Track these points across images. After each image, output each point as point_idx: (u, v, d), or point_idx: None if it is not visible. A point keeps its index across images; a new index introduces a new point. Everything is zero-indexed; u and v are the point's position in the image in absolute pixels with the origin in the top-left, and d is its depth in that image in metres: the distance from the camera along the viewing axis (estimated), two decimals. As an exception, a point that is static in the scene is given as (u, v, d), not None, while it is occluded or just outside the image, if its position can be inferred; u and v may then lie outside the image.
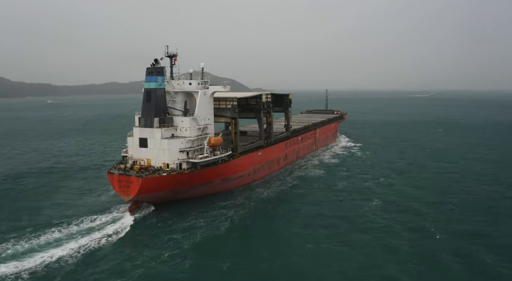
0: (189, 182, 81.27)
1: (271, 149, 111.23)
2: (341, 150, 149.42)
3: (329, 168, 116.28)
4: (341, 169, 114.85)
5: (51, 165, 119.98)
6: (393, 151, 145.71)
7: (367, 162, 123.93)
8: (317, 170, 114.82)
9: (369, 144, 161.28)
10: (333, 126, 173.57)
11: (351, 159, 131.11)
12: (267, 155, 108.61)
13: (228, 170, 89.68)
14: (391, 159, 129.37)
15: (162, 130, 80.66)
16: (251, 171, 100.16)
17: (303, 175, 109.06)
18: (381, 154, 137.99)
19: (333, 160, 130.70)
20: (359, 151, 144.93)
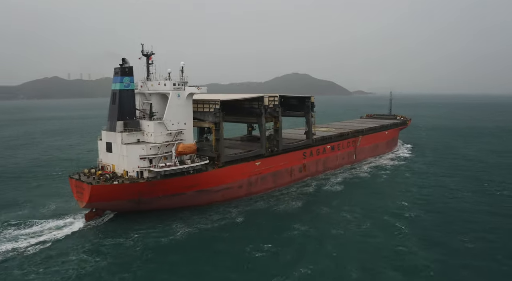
0: (151, 192, 73.60)
1: (278, 158, 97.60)
2: (390, 163, 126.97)
3: (348, 186, 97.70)
4: (361, 190, 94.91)
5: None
6: (453, 174, 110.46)
7: (400, 185, 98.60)
8: (335, 186, 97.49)
9: (433, 159, 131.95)
10: (389, 134, 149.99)
11: (389, 176, 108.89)
12: (271, 165, 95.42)
13: (204, 181, 79.68)
14: (439, 183, 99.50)
15: (122, 134, 74.39)
16: (245, 183, 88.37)
17: (312, 192, 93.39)
18: (429, 178, 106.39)
19: (364, 174, 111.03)
20: (409, 168, 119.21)
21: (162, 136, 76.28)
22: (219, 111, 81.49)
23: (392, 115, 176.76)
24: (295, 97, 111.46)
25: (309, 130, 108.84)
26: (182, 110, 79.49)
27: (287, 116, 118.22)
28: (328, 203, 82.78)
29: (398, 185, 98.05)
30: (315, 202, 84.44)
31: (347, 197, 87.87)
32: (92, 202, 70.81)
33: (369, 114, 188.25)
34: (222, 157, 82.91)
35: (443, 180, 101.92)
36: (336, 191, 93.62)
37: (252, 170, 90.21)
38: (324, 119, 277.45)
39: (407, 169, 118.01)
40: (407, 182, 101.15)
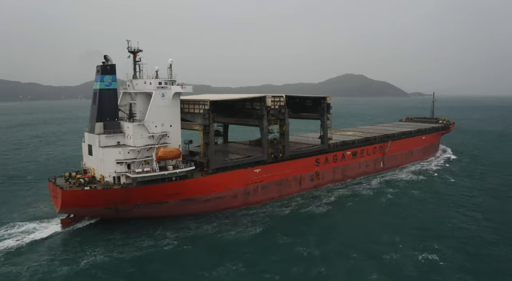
0: (127, 200, 68.02)
1: (284, 165, 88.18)
2: (424, 174, 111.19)
3: (357, 202, 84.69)
4: (372, 208, 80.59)
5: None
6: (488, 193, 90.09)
7: (427, 207, 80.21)
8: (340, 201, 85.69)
9: (479, 173, 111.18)
10: (427, 139, 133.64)
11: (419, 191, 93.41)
12: (275, 173, 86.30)
13: (189, 189, 72.72)
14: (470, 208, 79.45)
15: (100, 136, 69.55)
16: (241, 192, 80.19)
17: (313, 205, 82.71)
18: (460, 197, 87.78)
19: (387, 186, 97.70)
20: (445, 182, 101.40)
21: (143, 139, 70.39)
22: (208, 113, 74.05)
23: (434, 118, 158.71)
24: (309, 97, 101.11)
25: (324, 134, 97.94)
26: (167, 111, 73.13)
27: (301, 118, 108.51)
28: (317, 223, 71.59)
29: (424, 207, 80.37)
30: (305, 219, 73.18)
31: (342, 220, 73.15)
32: (65, 208, 66.83)
33: (409, 117, 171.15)
34: (212, 163, 75.34)
35: (489, 205, 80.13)
36: (337, 207, 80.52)
37: (249, 177, 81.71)
38: (358, 122, 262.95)
39: (442, 183, 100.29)
40: (438, 203, 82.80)
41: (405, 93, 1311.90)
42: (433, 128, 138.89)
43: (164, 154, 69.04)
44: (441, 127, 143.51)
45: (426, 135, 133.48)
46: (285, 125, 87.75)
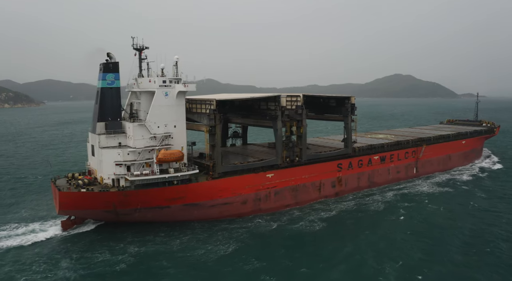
0: (126, 203, 64.99)
1: (301, 170, 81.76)
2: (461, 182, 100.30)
3: (381, 215, 76.03)
4: (395, 224, 70.67)
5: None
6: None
7: (463, 225, 68.85)
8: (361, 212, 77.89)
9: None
10: (468, 143, 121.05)
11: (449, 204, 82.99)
12: (290, 178, 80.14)
13: (192, 193, 68.48)
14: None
15: (100, 137, 66.96)
16: (251, 198, 74.87)
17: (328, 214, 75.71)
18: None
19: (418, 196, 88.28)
20: (486, 194, 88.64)
21: (144, 140, 67.04)
22: (214, 113, 69.29)
23: (477, 121, 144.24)
24: (332, 97, 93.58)
25: (348, 137, 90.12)
26: (171, 110, 69.34)
27: (324, 119, 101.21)
28: (321, 243, 61.51)
29: (457, 224, 69.41)
30: (288, 238, 64.10)
31: (356, 240, 62.36)
32: (63, 209, 65.10)
33: (450, 119, 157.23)
34: (218, 167, 70.51)
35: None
36: (354, 221, 71.50)
37: (261, 183, 76.13)
38: (398, 124, 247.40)
39: (482, 195, 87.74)
40: (476, 222, 70.50)
41: (455, 95, 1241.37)
42: (475, 131, 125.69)
43: (165, 156, 65.22)
44: (484, 130, 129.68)
45: (467, 139, 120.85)
46: (302, 126, 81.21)
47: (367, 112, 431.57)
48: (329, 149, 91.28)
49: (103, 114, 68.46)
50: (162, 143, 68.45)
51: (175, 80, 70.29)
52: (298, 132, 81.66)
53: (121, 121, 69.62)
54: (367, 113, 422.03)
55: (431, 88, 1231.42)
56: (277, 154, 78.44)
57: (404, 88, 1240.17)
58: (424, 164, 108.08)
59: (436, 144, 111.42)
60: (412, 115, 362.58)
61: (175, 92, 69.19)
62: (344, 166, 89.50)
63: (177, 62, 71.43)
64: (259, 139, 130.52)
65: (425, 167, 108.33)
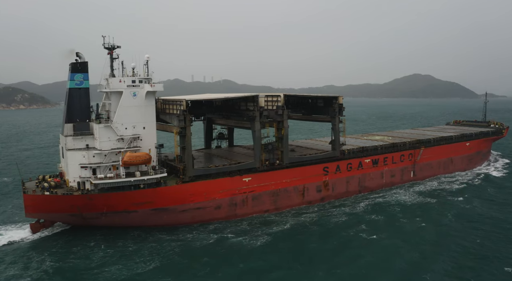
0: (91, 207, 62.89)
1: (282, 173, 78.13)
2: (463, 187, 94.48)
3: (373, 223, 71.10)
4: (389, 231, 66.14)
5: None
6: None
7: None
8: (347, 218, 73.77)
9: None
10: (472, 145, 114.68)
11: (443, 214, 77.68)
12: (270, 182, 76.63)
13: (161, 198, 65.76)
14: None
15: (67, 138, 65.01)
16: (225, 202, 71.70)
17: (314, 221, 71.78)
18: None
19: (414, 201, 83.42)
20: (489, 204, 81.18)
21: (111, 142, 64.77)
22: (183, 114, 66.41)
23: (485, 121, 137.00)
24: (320, 97, 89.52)
25: (336, 139, 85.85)
26: (139, 111, 66.88)
27: (312, 120, 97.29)
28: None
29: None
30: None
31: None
32: (29, 212, 63.74)
33: (457, 120, 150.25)
34: (189, 170, 67.59)
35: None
36: (303, 238, 63.56)
37: (237, 187, 72.86)
38: (404, 125, 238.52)
39: (473, 207, 78.66)
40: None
41: (475, 95, 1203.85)
42: (481, 133, 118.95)
43: (130, 159, 62.72)
44: (491, 132, 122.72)
45: (471, 141, 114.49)
46: (284, 128, 77.53)
47: (378, 112, 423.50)
48: (316, 152, 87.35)
49: (71, 115, 66.55)
50: (130, 145, 66.05)
51: (145, 80, 67.82)
52: (279, 133, 78.11)
53: (90, 123, 67.57)
54: (378, 113, 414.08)
55: (450, 88, 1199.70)
56: (255, 157, 75.00)
57: (423, 88, 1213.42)
58: (423, 168, 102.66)
59: (436, 147, 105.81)
60: (424, 116, 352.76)
61: (143, 92, 66.71)
62: (331, 170, 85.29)
63: (148, 61, 68.96)
64: (250, 141, 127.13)
65: (424, 171, 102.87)
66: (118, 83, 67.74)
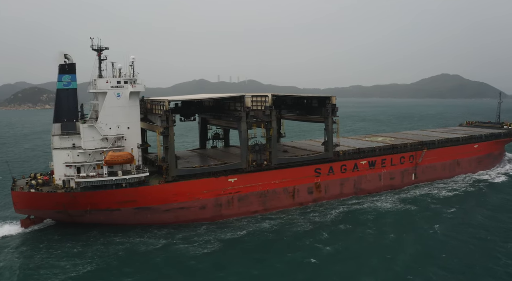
0: (75, 205, 64.49)
1: (270, 174, 77.49)
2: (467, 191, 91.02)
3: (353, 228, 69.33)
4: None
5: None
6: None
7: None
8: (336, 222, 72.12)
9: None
10: (481, 147, 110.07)
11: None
12: (257, 183, 76.18)
13: (143, 197, 66.56)
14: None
15: (54, 138, 66.95)
16: (210, 203, 71.78)
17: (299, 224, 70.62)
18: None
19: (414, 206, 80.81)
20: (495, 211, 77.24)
21: (95, 141, 66.17)
22: (166, 114, 66.95)
23: (498, 123, 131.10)
24: (315, 97, 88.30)
25: (329, 140, 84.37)
26: (123, 112, 67.94)
27: (307, 121, 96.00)
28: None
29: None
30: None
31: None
32: (18, 208, 66.24)
33: (470, 121, 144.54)
34: (172, 170, 68.07)
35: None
36: (252, 245, 60.80)
37: (222, 187, 72.79)
38: (418, 126, 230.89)
39: (477, 214, 74.33)
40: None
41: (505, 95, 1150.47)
42: (492, 134, 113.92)
43: (112, 158, 63.79)
44: (504, 133, 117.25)
45: (481, 143, 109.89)
46: (272, 128, 76.89)
47: (399, 113, 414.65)
48: (310, 153, 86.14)
49: (59, 115, 68.38)
50: (114, 144, 67.24)
51: (131, 81, 68.88)
52: (267, 134, 77.54)
53: (77, 123, 69.22)
54: (399, 113, 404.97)
55: (479, 88, 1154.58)
56: (242, 158, 74.75)
57: (450, 88, 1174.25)
58: (425, 170, 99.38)
59: (441, 148, 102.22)
60: (445, 116, 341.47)
61: (127, 93, 67.76)
62: (324, 171, 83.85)
63: (133, 62, 70.02)
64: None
65: (427, 173, 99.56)
66: (105, 84, 69.06)
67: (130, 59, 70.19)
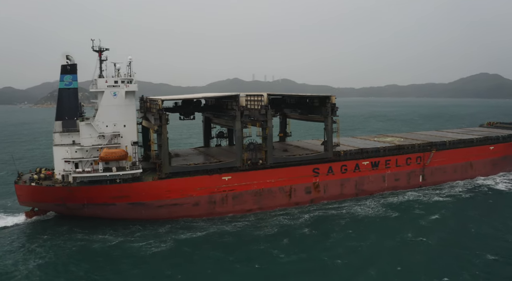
0: (72, 198, 67.83)
1: (265, 173, 77.94)
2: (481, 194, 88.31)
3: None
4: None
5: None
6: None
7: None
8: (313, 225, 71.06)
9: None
10: (498, 149, 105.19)
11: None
12: (252, 182, 76.85)
13: (137, 193, 68.91)
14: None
15: (55, 135, 70.64)
16: (204, 200, 73.18)
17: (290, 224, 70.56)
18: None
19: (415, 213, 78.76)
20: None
21: (92, 138, 69.25)
22: (159, 113, 68.86)
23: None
24: (315, 96, 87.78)
25: (329, 139, 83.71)
26: (119, 110, 70.61)
27: (308, 120, 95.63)
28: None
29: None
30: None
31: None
32: (22, 201, 70.30)
33: (491, 122, 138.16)
34: (165, 167, 69.97)
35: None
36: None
37: (216, 185, 73.97)
38: (440, 126, 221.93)
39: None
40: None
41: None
42: (510, 136, 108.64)
43: (106, 155, 66.51)
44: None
45: (497, 144, 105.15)
46: (268, 128, 77.25)
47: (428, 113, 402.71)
48: (310, 152, 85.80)
49: (60, 113, 71.99)
50: (110, 142, 70.00)
51: (127, 81, 71.40)
52: (263, 133, 77.98)
53: (77, 120, 72.56)
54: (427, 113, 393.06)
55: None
56: (236, 156, 75.63)
57: (489, 87, 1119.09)
58: (434, 172, 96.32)
59: (452, 150, 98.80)
60: (476, 117, 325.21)
61: (123, 92, 70.31)
62: (322, 171, 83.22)
63: (131, 62, 72.56)
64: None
65: (436, 175, 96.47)
66: (104, 84, 72.07)
67: (128, 59, 72.78)
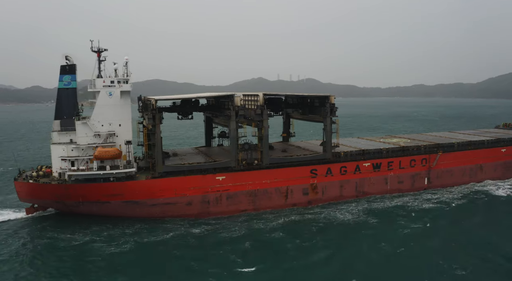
0: (68, 196, 69.38)
1: (261, 174, 77.46)
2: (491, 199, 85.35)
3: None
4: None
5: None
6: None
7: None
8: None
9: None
10: (510, 152, 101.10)
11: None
12: (247, 182, 76.55)
13: (130, 191, 69.81)
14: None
15: (53, 133, 72.34)
16: (197, 200, 73.41)
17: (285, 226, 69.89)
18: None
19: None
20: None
21: (88, 137, 70.58)
22: (152, 113, 69.53)
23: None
24: (316, 96, 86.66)
25: (328, 140, 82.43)
26: (115, 110, 71.66)
27: (309, 120, 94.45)
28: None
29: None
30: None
31: None
32: (22, 197, 72.31)
33: (507, 123, 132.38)
34: (159, 167, 70.59)
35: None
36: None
37: (209, 185, 74.05)
38: (456, 127, 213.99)
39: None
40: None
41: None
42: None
43: (100, 153, 67.67)
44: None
45: (510, 146, 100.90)
46: (263, 128, 76.75)
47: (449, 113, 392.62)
48: (309, 153, 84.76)
49: (59, 113, 73.69)
50: (106, 141, 71.18)
51: (124, 80, 72.42)
52: (259, 133, 77.52)
53: (75, 120, 74.15)
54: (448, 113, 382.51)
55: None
56: (231, 156, 75.48)
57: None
58: (441, 175, 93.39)
59: (460, 152, 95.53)
60: (499, 117, 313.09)
61: (118, 92, 71.36)
62: (321, 172, 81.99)
63: (127, 62, 73.50)
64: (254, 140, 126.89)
65: (442, 178, 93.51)
66: (101, 83, 73.39)
67: (124, 60, 73.78)
